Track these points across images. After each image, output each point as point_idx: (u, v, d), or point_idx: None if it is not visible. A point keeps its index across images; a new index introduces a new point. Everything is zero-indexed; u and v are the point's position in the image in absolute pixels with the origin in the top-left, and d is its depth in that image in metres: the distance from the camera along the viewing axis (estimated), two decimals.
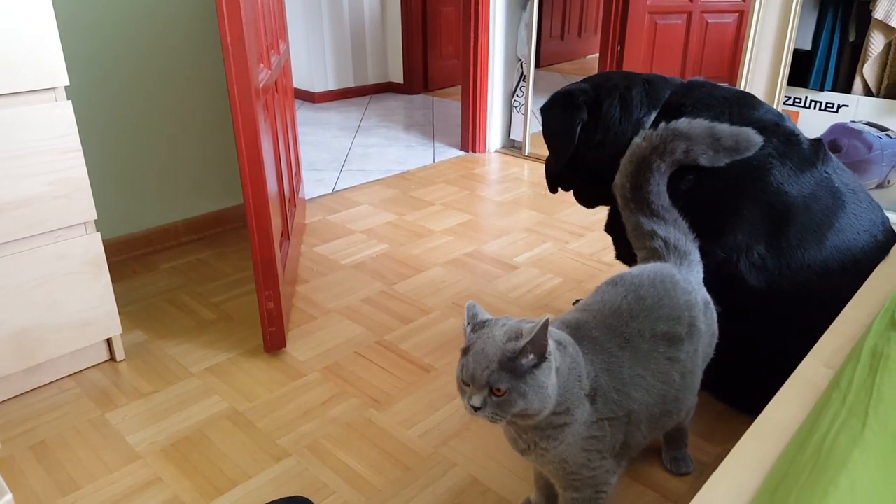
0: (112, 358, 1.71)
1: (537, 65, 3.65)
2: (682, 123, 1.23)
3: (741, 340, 1.25)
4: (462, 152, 3.54)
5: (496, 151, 3.56)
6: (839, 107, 2.61)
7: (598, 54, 3.57)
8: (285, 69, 2.30)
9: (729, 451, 0.80)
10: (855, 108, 2.57)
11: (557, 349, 0.90)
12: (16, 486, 1.30)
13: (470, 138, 3.52)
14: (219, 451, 1.39)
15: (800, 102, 2.70)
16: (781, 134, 1.32)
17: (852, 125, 2.57)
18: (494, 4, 3.26)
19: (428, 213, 2.69)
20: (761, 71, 2.50)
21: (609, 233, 1.58)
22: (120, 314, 1.78)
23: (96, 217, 1.54)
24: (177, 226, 2.40)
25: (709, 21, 3.47)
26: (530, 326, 0.86)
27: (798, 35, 2.46)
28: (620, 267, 1.46)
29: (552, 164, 1.64)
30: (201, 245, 2.40)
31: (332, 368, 1.67)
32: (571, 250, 2.34)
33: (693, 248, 1.19)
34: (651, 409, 1.01)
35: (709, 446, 1.39)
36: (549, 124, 1.56)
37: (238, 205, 2.55)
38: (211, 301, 2.00)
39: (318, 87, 4.70)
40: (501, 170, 3.28)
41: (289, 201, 2.13)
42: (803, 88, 2.68)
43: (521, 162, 3.39)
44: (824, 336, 1.04)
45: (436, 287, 2.09)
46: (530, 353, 0.84)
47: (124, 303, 1.97)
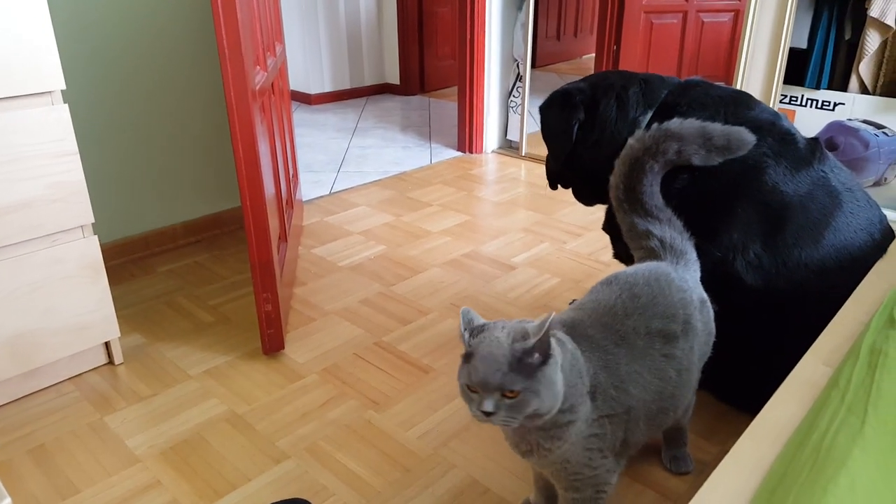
0: (110, 361, 1.70)
1: (533, 65, 3.66)
2: (674, 124, 1.22)
3: (738, 339, 1.25)
4: (459, 153, 3.54)
5: (493, 152, 3.56)
6: (835, 105, 2.62)
7: (595, 54, 3.57)
8: (282, 71, 2.30)
9: (728, 450, 0.80)
10: (851, 106, 2.58)
11: (558, 346, 0.90)
12: (15, 491, 1.29)
13: (467, 139, 3.52)
14: (218, 454, 1.39)
15: (796, 101, 2.71)
16: (777, 133, 1.33)
17: (849, 123, 2.57)
18: (490, 5, 3.26)
19: (425, 214, 2.69)
20: (757, 69, 2.50)
21: (606, 231, 1.58)
22: (118, 317, 1.77)
23: (93, 220, 1.54)
24: (175, 228, 2.39)
25: (704, 20, 3.47)
26: (536, 325, 0.86)
27: (794, 33, 2.47)
28: (618, 266, 1.46)
29: (551, 163, 1.65)
30: (199, 248, 2.40)
31: (331, 370, 1.67)
32: (569, 250, 2.34)
33: (689, 247, 1.19)
34: (649, 406, 1.01)
35: (708, 445, 1.39)
36: (547, 124, 1.57)
37: (235, 207, 2.55)
38: (209, 304, 2.00)
39: (315, 89, 4.69)
40: (498, 170, 3.28)
41: (286, 203, 2.13)
42: (799, 87, 2.68)
43: (518, 162, 3.39)
44: (823, 334, 1.04)
45: (434, 288, 2.09)
46: (536, 352, 0.84)
47: (122, 306, 1.96)
